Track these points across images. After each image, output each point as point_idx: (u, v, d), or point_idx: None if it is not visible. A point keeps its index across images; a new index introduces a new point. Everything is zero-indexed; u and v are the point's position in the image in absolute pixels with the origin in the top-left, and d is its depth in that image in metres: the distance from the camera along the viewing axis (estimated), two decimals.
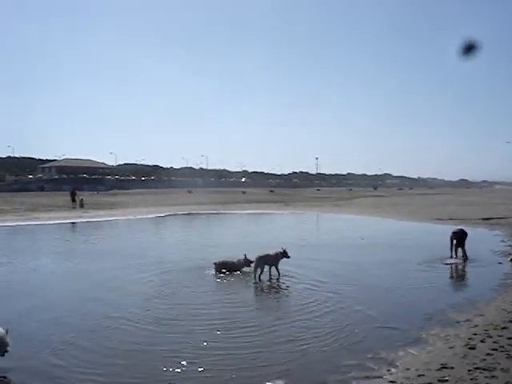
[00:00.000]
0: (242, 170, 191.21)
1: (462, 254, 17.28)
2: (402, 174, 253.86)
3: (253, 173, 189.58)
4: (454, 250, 17.30)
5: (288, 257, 14.91)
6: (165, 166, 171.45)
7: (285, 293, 13.11)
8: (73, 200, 47.97)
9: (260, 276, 14.45)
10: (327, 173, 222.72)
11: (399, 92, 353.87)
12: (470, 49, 8.92)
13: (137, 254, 19.18)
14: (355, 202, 64.01)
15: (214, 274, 15.09)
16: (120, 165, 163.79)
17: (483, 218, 32.76)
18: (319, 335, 9.10)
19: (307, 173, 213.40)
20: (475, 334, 8.76)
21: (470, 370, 6.97)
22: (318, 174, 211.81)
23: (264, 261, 14.68)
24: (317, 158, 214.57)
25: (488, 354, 7.61)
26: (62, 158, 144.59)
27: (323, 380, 6.96)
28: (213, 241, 24.08)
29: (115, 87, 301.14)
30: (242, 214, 46.62)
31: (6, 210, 41.04)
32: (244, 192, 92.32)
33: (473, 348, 8.00)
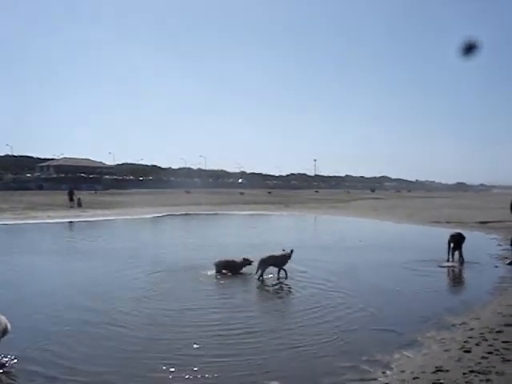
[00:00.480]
0: (240, 171, 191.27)
1: (459, 256, 17.30)
2: (400, 177, 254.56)
3: (251, 174, 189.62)
4: (451, 253, 17.31)
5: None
6: (163, 166, 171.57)
7: (281, 294, 13.08)
8: (70, 199, 48.05)
9: (262, 277, 14.40)
10: (325, 175, 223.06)
11: (397, 94, 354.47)
12: (470, 49, 8.91)
13: (132, 254, 19.18)
14: (353, 205, 64.06)
15: (214, 274, 14.96)
16: (118, 164, 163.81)
17: (480, 222, 32.80)
18: (314, 337, 9.09)
19: (305, 174, 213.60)
20: (471, 338, 8.76)
21: (464, 373, 6.97)
22: (316, 175, 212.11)
23: (268, 262, 14.58)
24: (315, 160, 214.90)
25: (483, 358, 7.61)
26: (60, 157, 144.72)
27: (318, 382, 6.95)
28: (210, 241, 24.05)
29: (114, 88, 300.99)
30: (240, 214, 46.63)
31: (4, 208, 41.02)
32: (242, 193, 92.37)
33: (468, 351, 8.00)
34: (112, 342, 8.80)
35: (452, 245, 17.39)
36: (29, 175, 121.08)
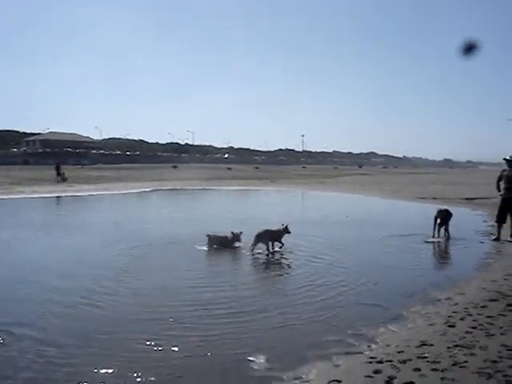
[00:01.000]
0: (228, 147, 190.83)
1: (445, 232, 17.40)
2: (388, 153, 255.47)
3: (239, 149, 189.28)
4: (437, 228, 17.40)
5: (289, 232, 14.90)
6: (150, 141, 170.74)
7: (273, 268, 13.16)
8: (57, 174, 47.78)
9: (253, 250, 14.47)
10: (313, 150, 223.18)
11: (386, 72, 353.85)
12: (470, 49, 8.94)
13: (118, 228, 19.18)
14: (340, 180, 64.23)
15: (205, 249, 14.93)
16: (105, 139, 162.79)
17: (466, 198, 32.97)
18: (300, 311, 9.14)
19: (293, 150, 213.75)
20: (455, 312, 8.84)
21: (449, 348, 7.04)
22: (304, 151, 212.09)
23: (264, 237, 14.63)
24: (303, 136, 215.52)
25: (467, 332, 7.68)
26: (46, 132, 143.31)
27: (304, 355, 6.98)
28: (198, 216, 24.06)
29: (101, 62, 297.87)
30: (228, 190, 46.62)
31: None
32: (229, 168, 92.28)
33: (452, 326, 8.07)
34: (87, 321, 8.64)
35: (439, 220, 17.46)
36: (15, 150, 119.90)
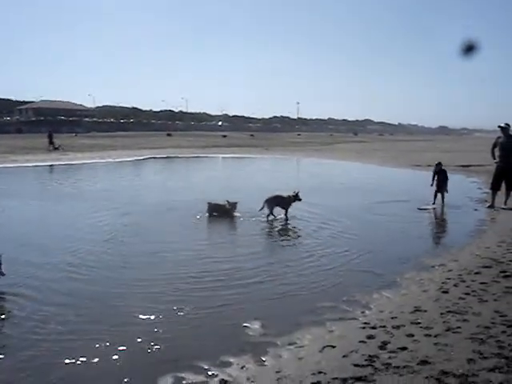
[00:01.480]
0: (223, 114, 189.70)
1: (443, 194, 17.42)
2: (383, 120, 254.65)
3: (233, 117, 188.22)
4: (434, 195, 17.42)
5: (299, 199, 14.98)
6: (144, 109, 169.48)
7: (270, 233, 13.33)
8: (50, 142, 47.47)
9: (268, 216, 14.67)
10: (308, 118, 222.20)
11: (381, 37, 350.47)
12: (469, 49, 8.95)
13: (111, 196, 19.15)
14: (336, 148, 64.05)
15: (206, 215, 14.97)
16: (98, 107, 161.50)
17: (461, 165, 32.99)
18: (294, 278, 9.20)
19: (288, 117, 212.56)
20: (449, 279, 8.90)
21: (442, 314, 7.10)
22: (299, 118, 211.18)
23: (273, 202, 14.74)
24: (298, 103, 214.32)
25: (460, 298, 7.75)
26: (39, 100, 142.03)
27: (298, 321, 7.04)
28: (194, 184, 24.08)
29: (93, 29, 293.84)
30: (223, 158, 46.52)
31: None
32: (224, 136, 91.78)
33: (446, 292, 8.13)
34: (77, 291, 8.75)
35: (436, 177, 17.47)
36: (7, 118, 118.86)
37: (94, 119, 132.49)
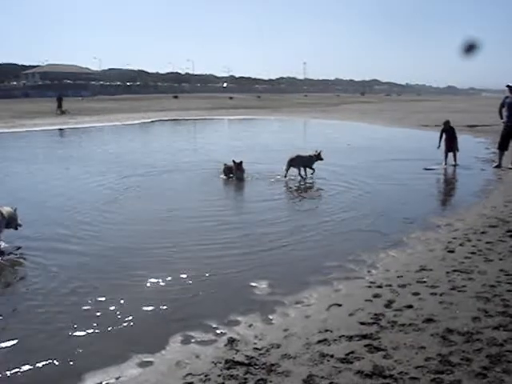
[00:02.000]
0: (229, 76, 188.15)
1: (454, 152, 17.35)
2: (390, 80, 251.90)
3: (240, 78, 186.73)
4: (444, 156, 17.32)
5: (321, 159, 15.18)
6: (150, 71, 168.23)
7: (280, 193, 13.43)
8: (59, 106, 47.10)
9: (286, 175, 14.82)
10: (315, 78, 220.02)
11: None
12: (471, 48, 8.89)
13: (119, 159, 19.16)
14: (342, 108, 63.55)
15: (222, 177, 15.00)
16: (104, 70, 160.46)
17: (468, 126, 32.70)
18: (300, 237, 9.27)
19: (294, 78, 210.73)
20: (455, 238, 8.95)
21: (448, 272, 7.16)
22: (306, 79, 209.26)
23: (295, 162, 14.86)
24: (304, 63, 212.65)
25: (466, 258, 7.80)
26: (45, 64, 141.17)
27: (305, 280, 7.11)
28: (204, 145, 24.14)
29: None
30: (230, 119, 46.33)
31: None
32: (231, 97, 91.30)
33: (452, 251, 8.18)
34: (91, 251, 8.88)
35: (444, 136, 17.36)
36: (14, 83, 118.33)
37: (101, 82, 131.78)
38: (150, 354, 5.16)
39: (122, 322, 5.91)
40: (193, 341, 5.45)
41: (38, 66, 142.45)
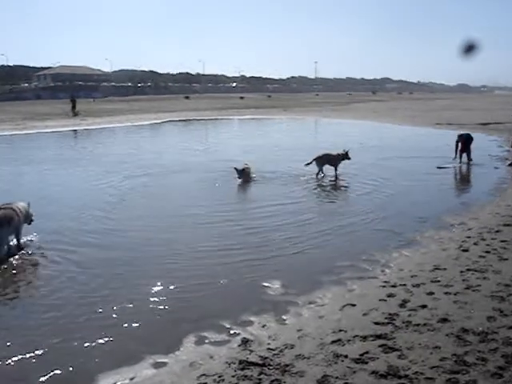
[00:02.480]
0: (240, 75, 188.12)
1: (468, 159, 17.26)
2: (402, 79, 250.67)
3: (251, 78, 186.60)
4: (459, 154, 17.25)
5: (349, 158, 15.29)
6: (161, 72, 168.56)
7: (292, 192, 13.36)
8: (72, 107, 46.74)
9: (318, 174, 15.03)
10: (326, 77, 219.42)
11: None
12: (470, 49, 8.91)
13: (131, 160, 19.18)
14: (354, 107, 63.41)
15: (239, 181, 14.53)
16: (116, 71, 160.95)
17: (481, 123, 32.49)
18: (313, 237, 9.25)
19: (306, 77, 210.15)
20: (469, 237, 8.89)
21: (462, 272, 7.11)
22: (317, 78, 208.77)
23: (322, 160, 15.04)
24: (316, 62, 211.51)
25: (481, 257, 7.75)
26: (57, 66, 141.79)
27: (319, 280, 7.10)
28: (220, 146, 24.19)
29: None
30: (241, 119, 46.34)
31: (2, 119, 40.39)
32: (242, 97, 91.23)
33: (466, 250, 8.13)
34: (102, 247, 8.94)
35: (460, 146, 17.29)
36: (26, 85, 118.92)
37: (112, 83, 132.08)
38: (164, 354, 5.18)
39: (136, 323, 5.93)
40: (206, 341, 5.46)
41: (49, 67, 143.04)
